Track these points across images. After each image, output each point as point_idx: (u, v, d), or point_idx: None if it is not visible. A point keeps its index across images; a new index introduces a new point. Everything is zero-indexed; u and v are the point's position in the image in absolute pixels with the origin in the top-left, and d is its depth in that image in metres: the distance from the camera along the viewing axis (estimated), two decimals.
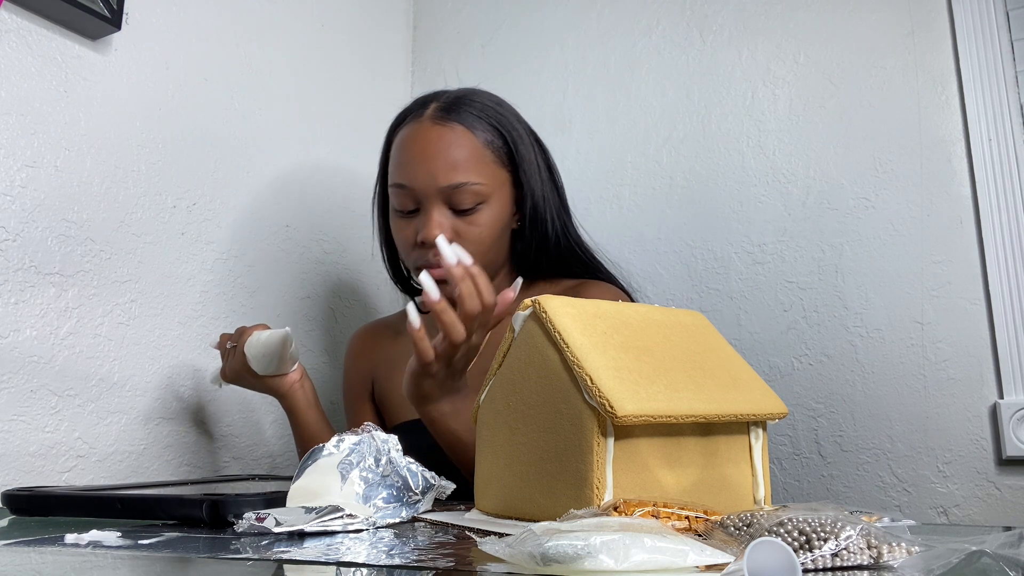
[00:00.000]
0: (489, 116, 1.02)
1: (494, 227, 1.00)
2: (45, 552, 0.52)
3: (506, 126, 1.02)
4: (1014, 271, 1.09)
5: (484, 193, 0.98)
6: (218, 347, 1.06)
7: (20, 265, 0.93)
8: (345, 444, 0.66)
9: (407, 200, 0.98)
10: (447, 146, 0.98)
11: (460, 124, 0.99)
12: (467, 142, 0.99)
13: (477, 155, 0.99)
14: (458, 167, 0.97)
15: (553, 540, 0.41)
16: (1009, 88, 1.13)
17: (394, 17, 1.60)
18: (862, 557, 0.44)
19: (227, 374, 1.04)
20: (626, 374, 0.57)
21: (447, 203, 0.97)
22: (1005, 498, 1.07)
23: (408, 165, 0.98)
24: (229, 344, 1.03)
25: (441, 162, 0.97)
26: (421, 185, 0.97)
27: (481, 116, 1.01)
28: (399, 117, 1.05)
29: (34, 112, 0.95)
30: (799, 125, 1.26)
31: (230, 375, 1.04)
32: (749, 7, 1.33)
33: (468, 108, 1.01)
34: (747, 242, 1.27)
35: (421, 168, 0.97)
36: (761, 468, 0.64)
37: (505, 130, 1.02)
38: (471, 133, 0.99)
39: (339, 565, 0.47)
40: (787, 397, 1.20)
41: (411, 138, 1.00)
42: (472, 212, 0.98)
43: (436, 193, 0.96)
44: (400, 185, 0.99)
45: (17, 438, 0.91)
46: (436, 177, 0.96)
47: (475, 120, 1.00)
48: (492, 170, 1.00)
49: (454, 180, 0.96)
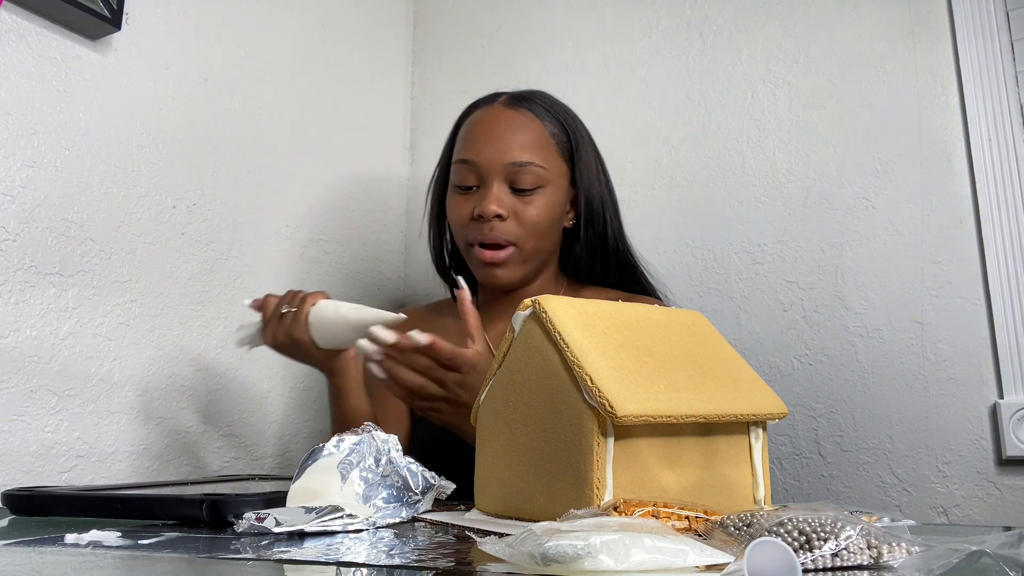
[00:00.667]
0: (556, 111, 1.08)
1: (549, 214, 1.04)
2: (45, 552, 0.52)
3: (571, 124, 1.08)
4: (1014, 271, 1.09)
5: (545, 177, 1.03)
6: (256, 307, 0.98)
7: (20, 265, 0.93)
8: (345, 444, 0.66)
9: (470, 175, 1.03)
10: (516, 127, 1.04)
11: (530, 111, 1.06)
12: (535, 127, 1.05)
13: (543, 141, 1.04)
14: (525, 147, 1.02)
15: (553, 540, 0.41)
16: (1009, 88, 1.13)
17: (394, 17, 1.60)
18: (862, 557, 0.44)
19: (276, 339, 0.96)
20: (626, 374, 0.57)
21: (508, 181, 1.02)
22: (1005, 498, 1.07)
23: (476, 142, 1.04)
24: (285, 308, 0.96)
25: (509, 140, 1.02)
26: (487, 160, 1.02)
27: (549, 110, 1.07)
28: (469, 107, 1.11)
29: (34, 112, 0.95)
30: (799, 125, 1.26)
31: (281, 340, 0.96)
32: (749, 7, 1.33)
33: (538, 100, 1.08)
34: (747, 242, 1.27)
35: (489, 145, 1.03)
36: (761, 468, 0.64)
37: (570, 127, 1.08)
38: (539, 121, 1.05)
39: (339, 565, 0.47)
40: (787, 397, 1.20)
41: (481, 119, 1.06)
42: (531, 193, 1.02)
43: (500, 169, 1.02)
44: (465, 160, 1.04)
45: (17, 438, 0.91)
46: (503, 154, 1.02)
47: (543, 111, 1.07)
48: (554, 159, 1.05)
49: (520, 158, 1.02)
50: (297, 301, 0.96)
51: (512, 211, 1.02)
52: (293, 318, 0.95)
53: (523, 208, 1.02)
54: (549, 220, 1.04)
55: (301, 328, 0.94)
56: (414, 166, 1.59)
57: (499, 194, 1.01)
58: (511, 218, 1.02)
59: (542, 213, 1.03)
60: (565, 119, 1.08)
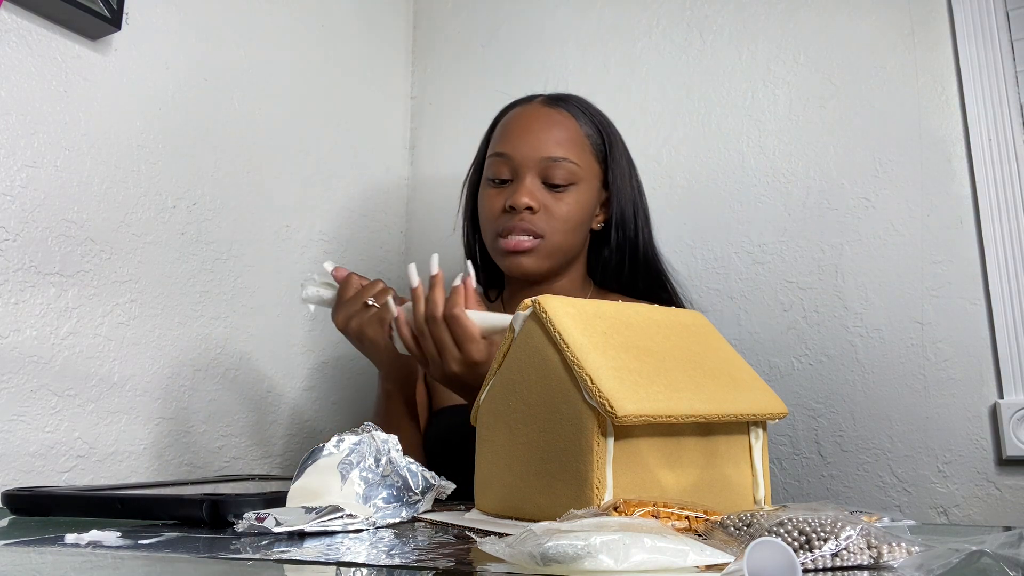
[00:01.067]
0: (592, 114, 1.10)
1: (579, 211, 1.05)
2: (45, 552, 0.52)
3: (606, 127, 1.10)
4: (1014, 271, 1.09)
5: (578, 175, 1.05)
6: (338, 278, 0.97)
7: (20, 265, 0.93)
8: (345, 444, 0.66)
9: (504, 169, 1.05)
10: (552, 124, 1.06)
11: (567, 111, 1.08)
12: (571, 125, 1.07)
13: (578, 140, 1.06)
14: (560, 143, 1.04)
15: (553, 540, 0.41)
16: (1009, 88, 1.13)
17: (394, 17, 1.60)
18: (862, 557, 0.44)
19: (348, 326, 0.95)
20: (626, 374, 0.57)
21: (541, 175, 1.04)
22: (1005, 498, 1.07)
23: (512, 136, 1.06)
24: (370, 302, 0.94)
25: (544, 136, 1.05)
26: (522, 154, 1.04)
27: (585, 111, 1.10)
28: (506, 106, 1.14)
29: (34, 112, 0.95)
30: (799, 125, 1.26)
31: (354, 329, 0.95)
32: (749, 7, 1.33)
33: (575, 102, 1.10)
34: (747, 242, 1.27)
35: (525, 139, 1.05)
36: (761, 468, 0.64)
37: (605, 131, 1.10)
38: (575, 120, 1.07)
39: (339, 565, 0.47)
40: (787, 397, 1.20)
41: (519, 115, 1.08)
42: (563, 189, 1.04)
43: (534, 163, 1.03)
44: (500, 154, 1.06)
45: (17, 438, 0.91)
46: (538, 148, 1.04)
47: (580, 112, 1.09)
48: (588, 159, 1.07)
49: (554, 153, 1.03)
50: (373, 292, 0.95)
51: (543, 205, 1.03)
52: (376, 317, 0.94)
53: (554, 203, 1.03)
54: (579, 218, 1.05)
55: (381, 331, 0.94)
56: (414, 166, 1.59)
57: (531, 187, 1.03)
58: (541, 211, 1.03)
59: (572, 210, 1.04)
60: (601, 122, 1.10)
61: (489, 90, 1.54)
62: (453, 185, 1.52)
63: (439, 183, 1.55)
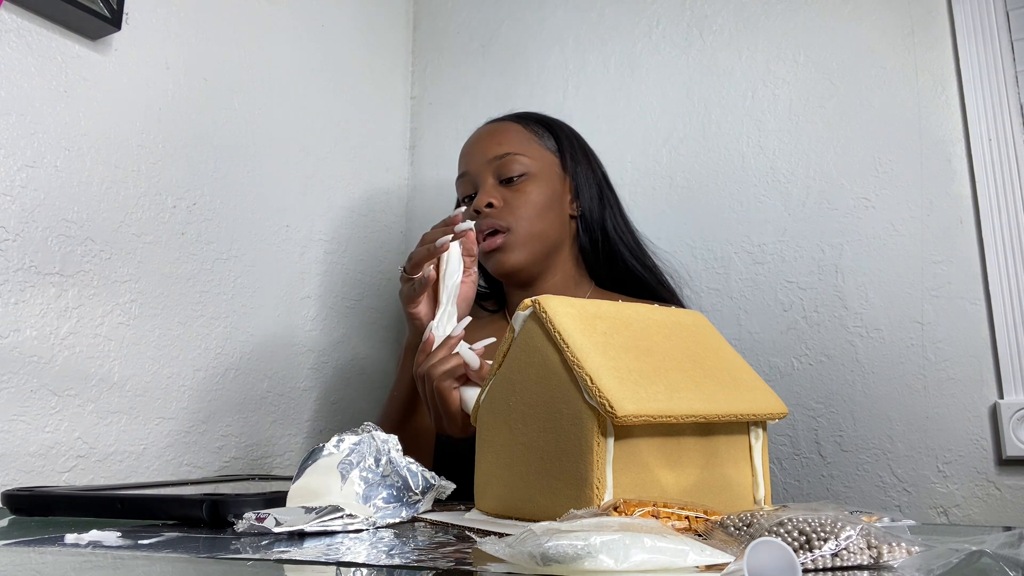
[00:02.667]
0: (539, 118, 1.16)
1: (540, 197, 1.08)
2: (45, 552, 0.52)
3: (550, 122, 1.15)
4: (1014, 271, 1.09)
5: (528, 164, 1.08)
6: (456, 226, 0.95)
7: (20, 265, 0.93)
8: (345, 444, 0.66)
9: (467, 186, 1.11)
10: (494, 131, 1.12)
11: (510, 120, 1.14)
12: (513, 128, 1.12)
13: (522, 136, 1.11)
14: (503, 143, 1.10)
15: (553, 540, 0.41)
16: (1009, 88, 1.13)
17: (394, 17, 1.60)
18: (862, 557, 0.44)
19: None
20: (626, 374, 0.57)
21: (496, 175, 1.09)
22: (1005, 498, 1.07)
23: (464, 155, 1.13)
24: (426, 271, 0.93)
25: (489, 141, 1.11)
26: (474, 165, 1.10)
27: (527, 116, 1.15)
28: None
29: (34, 112, 0.95)
30: (799, 125, 1.26)
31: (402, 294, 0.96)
32: (749, 7, 1.33)
33: (522, 113, 1.16)
34: (747, 242, 1.27)
35: (474, 151, 1.11)
36: (761, 468, 0.64)
37: (548, 124, 1.14)
38: (518, 123, 1.13)
39: (339, 565, 0.47)
40: (787, 397, 1.20)
41: (469, 138, 1.15)
42: (518, 181, 1.08)
43: (485, 166, 1.09)
44: (460, 175, 1.13)
45: (17, 438, 0.91)
46: (485, 152, 1.10)
47: (523, 118, 1.15)
48: (537, 149, 1.11)
49: (499, 151, 1.09)
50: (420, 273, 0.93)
51: (503, 199, 1.07)
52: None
53: (512, 196, 1.07)
54: (541, 203, 1.08)
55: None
56: (414, 166, 1.59)
57: (489, 188, 1.08)
58: (504, 206, 1.06)
59: (531, 197, 1.07)
60: (546, 121, 1.15)
61: (489, 90, 1.54)
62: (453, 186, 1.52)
63: (439, 183, 1.55)
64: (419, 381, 0.88)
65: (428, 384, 0.86)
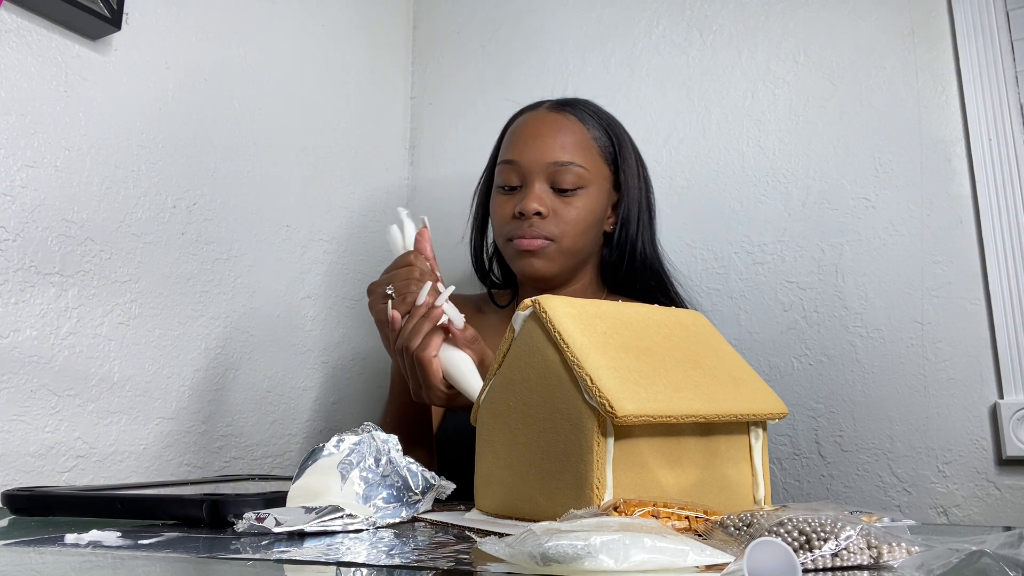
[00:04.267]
0: (600, 118, 1.11)
1: (589, 214, 1.05)
2: (45, 552, 0.52)
3: (614, 129, 1.11)
4: (1014, 271, 1.09)
5: (585, 178, 1.05)
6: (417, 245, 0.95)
7: (20, 265, 0.93)
8: (345, 444, 0.66)
9: (513, 176, 1.06)
10: (559, 129, 1.06)
11: (574, 115, 1.08)
12: (577, 130, 1.07)
13: (585, 144, 1.06)
14: (566, 147, 1.05)
15: (553, 540, 0.41)
16: (1009, 88, 1.13)
17: (394, 17, 1.60)
18: (862, 557, 0.44)
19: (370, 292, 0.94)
20: (626, 374, 0.57)
21: (550, 180, 1.04)
22: (1005, 498, 1.07)
23: (520, 143, 1.07)
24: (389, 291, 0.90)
25: (551, 141, 1.05)
26: (529, 160, 1.05)
27: (592, 115, 1.10)
28: (515, 113, 1.14)
29: (34, 112, 0.95)
30: (799, 125, 1.26)
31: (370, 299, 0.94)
32: (749, 7, 1.33)
33: (583, 106, 1.11)
34: (747, 242, 1.27)
35: (532, 145, 1.05)
36: (761, 468, 0.64)
37: (613, 133, 1.10)
38: (582, 125, 1.08)
39: (339, 565, 0.47)
40: (787, 397, 1.20)
41: (526, 122, 1.09)
42: (571, 194, 1.04)
43: (542, 169, 1.04)
44: (509, 161, 1.07)
45: (17, 438, 0.91)
46: (545, 154, 1.04)
47: (587, 116, 1.09)
48: (596, 162, 1.07)
49: (561, 158, 1.04)
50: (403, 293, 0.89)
51: (552, 210, 1.04)
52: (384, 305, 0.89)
53: (563, 208, 1.04)
54: (588, 221, 1.06)
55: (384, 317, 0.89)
56: (414, 166, 1.59)
57: (540, 193, 1.04)
58: (551, 216, 1.03)
59: (582, 213, 1.04)
60: (609, 124, 1.10)
61: (489, 90, 1.54)
62: (453, 186, 1.52)
63: (439, 183, 1.55)
64: (398, 356, 0.88)
65: (407, 357, 0.86)
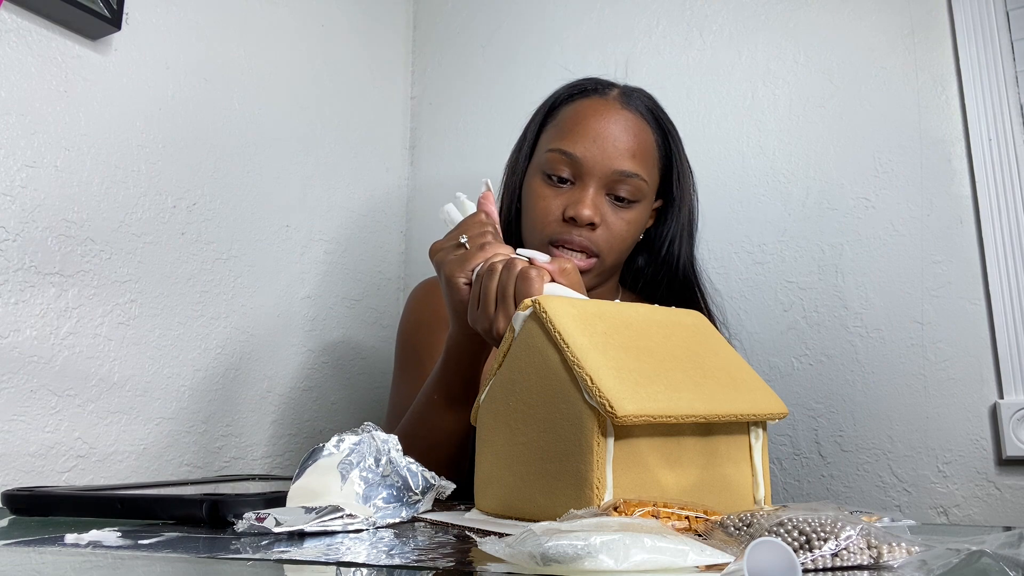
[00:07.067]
0: (662, 120, 1.02)
1: (636, 230, 1.00)
2: (45, 552, 0.52)
3: (672, 133, 1.03)
4: (1014, 271, 1.09)
5: (643, 191, 0.98)
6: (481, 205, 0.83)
7: (20, 265, 0.93)
8: (345, 444, 0.66)
9: (566, 169, 0.96)
10: (628, 131, 0.97)
11: (642, 115, 1.00)
12: (644, 135, 0.99)
13: (649, 151, 0.99)
14: (635, 156, 0.96)
15: (553, 540, 0.41)
16: (1009, 88, 1.13)
17: (394, 17, 1.60)
18: (862, 557, 0.44)
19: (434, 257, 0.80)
20: (626, 374, 0.57)
21: (607, 187, 0.96)
22: (1005, 498, 1.07)
23: (584, 137, 0.96)
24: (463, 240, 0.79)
25: (621, 145, 0.96)
26: (593, 162, 0.95)
27: (656, 116, 1.02)
28: (574, 89, 1.03)
29: (34, 112, 0.95)
30: (799, 125, 1.26)
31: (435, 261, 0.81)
32: (749, 7, 1.33)
33: (647, 102, 1.02)
34: (747, 242, 1.27)
35: (598, 145, 0.95)
36: (761, 468, 0.64)
37: (671, 137, 1.03)
38: (649, 127, 1.00)
39: (339, 565, 0.47)
40: (787, 397, 1.20)
41: (594, 111, 0.98)
42: (626, 205, 0.97)
43: (604, 174, 0.95)
44: (567, 152, 0.96)
45: (17, 438, 0.91)
46: (612, 159, 0.95)
47: (652, 117, 1.01)
48: (653, 171, 1.00)
49: (626, 168, 0.95)
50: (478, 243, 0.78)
51: (603, 219, 0.96)
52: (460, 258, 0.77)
53: (614, 219, 0.96)
54: (635, 235, 1.00)
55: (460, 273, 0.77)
56: (414, 166, 1.59)
57: (597, 200, 0.95)
58: (601, 227, 0.96)
59: (631, 228, 0.98)
60: (668, 130, 1.03)
61: (489, 90, 1.54)
62: (453, 185, 1.52)
63: (439, 183, 1.55)
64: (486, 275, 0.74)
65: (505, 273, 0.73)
